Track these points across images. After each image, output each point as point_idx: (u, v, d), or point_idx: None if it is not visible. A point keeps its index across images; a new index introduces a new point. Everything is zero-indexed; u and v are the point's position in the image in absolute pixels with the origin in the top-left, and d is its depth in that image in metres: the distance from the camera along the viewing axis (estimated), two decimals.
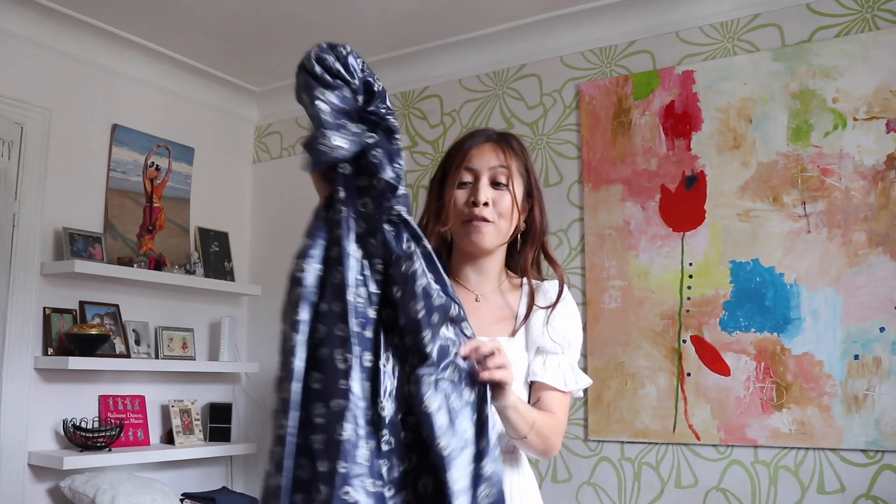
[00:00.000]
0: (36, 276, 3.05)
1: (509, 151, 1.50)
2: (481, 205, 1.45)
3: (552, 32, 3.23)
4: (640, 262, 2.95)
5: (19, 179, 3.03)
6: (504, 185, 1.48)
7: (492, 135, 1.54)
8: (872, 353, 2.52)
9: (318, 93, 1.12)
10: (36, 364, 3.01)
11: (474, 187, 1.48)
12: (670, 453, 2.84)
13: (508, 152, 1.50)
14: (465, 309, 1.26)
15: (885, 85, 2.59)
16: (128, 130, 3.45)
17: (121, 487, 2.90)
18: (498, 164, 1.48)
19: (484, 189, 1.46)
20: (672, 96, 2.96)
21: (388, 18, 3.21)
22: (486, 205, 1.46)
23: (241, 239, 3.99)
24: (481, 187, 1.46)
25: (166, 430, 3.45)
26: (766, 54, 2.80)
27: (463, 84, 3.50)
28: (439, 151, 3.52)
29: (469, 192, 1.48)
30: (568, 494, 3.01)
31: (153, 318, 3.48)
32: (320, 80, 1.13)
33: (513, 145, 1.52)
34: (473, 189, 1.47)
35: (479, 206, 1.45)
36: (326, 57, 1.13)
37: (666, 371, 2.85)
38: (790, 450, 2.64)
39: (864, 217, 2.58)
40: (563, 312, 1.51)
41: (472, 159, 1.49)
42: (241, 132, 4.08)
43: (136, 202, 3.47)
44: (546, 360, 1.46)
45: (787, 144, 2.73)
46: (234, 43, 3.46)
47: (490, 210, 1.46)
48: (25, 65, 3.10)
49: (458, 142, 1.55)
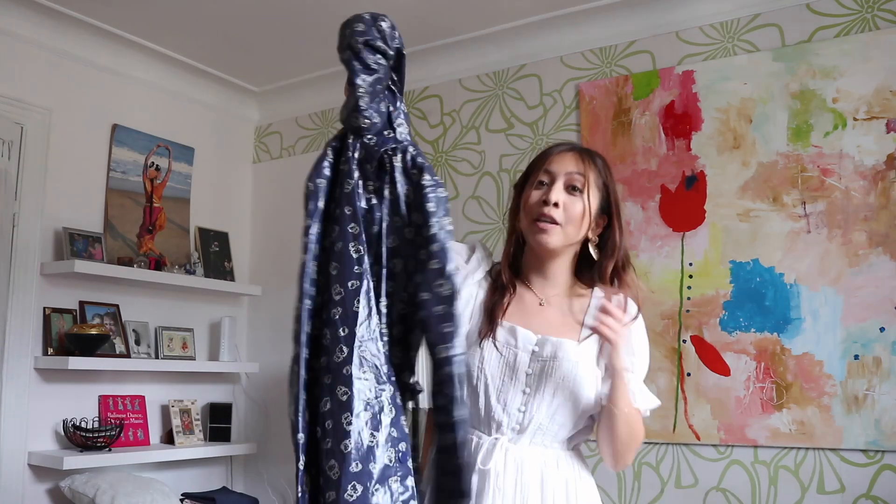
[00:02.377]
0: (36, 276, 3.05)
1: (590, 163, 1.54)
2: (552, 204, 1.49)
3: (552, 32, 3.23)
4: (640, 262, 2.95)
5: (19, 179, 3.03)
6: (579, 191, 1.51)
7: (577, 146, 1.59)
8: (872, 353, 2.52)
9: (360, 76, 1.32)
10: (36, 364, 3.01)
11: (549, 188, 1.51)
12: (670, 453, 2.84)
13: (589, 163, 1.54)
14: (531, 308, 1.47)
15: (885, 85, 2.59)
16: (128, 130, 3.45)
17: (121, 487, 2.89)
18: (575, 170, 1.52)
19: (557, 190, 1.50)
20: (672, 96, 2.96)
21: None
22: (557, 206, 1.49)
23: (241, 239, 3.99)
24: (555, 188, 1.50)
25: (166, 430, 3.45)
26: (766, 54, 2.80)
27: (463, 84, 3.50)
28: (439, 151, 3.52)
29: (544, 193, 1.52)
30: None
31: (153, 318, 3.48)
32: (363, 62, 1.32)
33: (595, 160, 1.56)
34: (548, 189, 1.51)
35: (549, 206, 1.49)
36: (371, 37, 1.33)
37: (666, 371, 2.85)
38: (790, 450, 2.64)
39: (864, 217, 2.58)
40: (634, 332, 1.53)
41: (552, 163, 1.53)
42: (241, 132, 4.08)
43: (136, 202, 3.47)
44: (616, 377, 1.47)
45: (787, 144, 2.73)
46: (234, 43, 3.46)
47: (560, 212, 1.49)
48: (25, 65, 3.10)
49: (543, 150, 1.59)
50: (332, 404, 1.23)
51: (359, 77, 1.33)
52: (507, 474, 1.45)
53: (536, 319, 1.48)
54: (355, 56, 1.33)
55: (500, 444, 1.47)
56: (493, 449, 1.46)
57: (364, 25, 1.34)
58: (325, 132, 3.87)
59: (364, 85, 1.33)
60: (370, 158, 1.35)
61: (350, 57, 1.34)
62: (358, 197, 1.33)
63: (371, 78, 1.33)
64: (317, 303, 1.32)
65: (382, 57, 1.35)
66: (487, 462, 1.45)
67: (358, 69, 1.33)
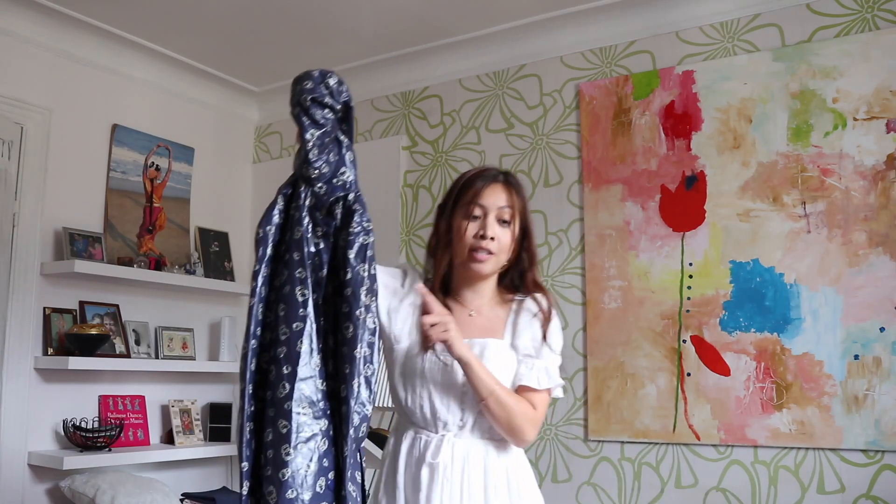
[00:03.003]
0: (36, 276, 3.05)
1: (515, 194, 1.71)
2: (489, 239, 1.66)
3: (552, 32, 3.23)
4: (640, 262, 2.95)
5: (19, 179, 3.03)
6: (508, 224, 1.69)
7: (499, 175, 1.73)
8: (872, 353, 2.52)
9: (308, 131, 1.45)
10: (36, 364, 3.01)
11: (483, 222, 1.67)
12: (670, 453, 2.84)
13: (514, 195, 1.71)
14: (462, 319, 1.65)
15: (885, 85, 2.59)
16: (128, 130, 3.45)
17: (121, 487, 2.90)
18: (506, 204, 1.69)
19: (492, 226, 1.67)
20: (672, 96, 2.96)
21: (388, 18, 3.21)
22: (493, 239, 1.67)
23: (241, 239, 3.99)
24: (489, 224, 1.67)
25: (166, 430, 3.45)
26: (766, 54, 2.80)
27: (463, 84, 3.50)
28: (439, 151, 3.52)
29: (478, 226, 1.67)
30: (568, 494, 3.01)
31: (153, 318, 3.48)
32: (311, 117, 1.45)
33: (519, 189, 1.73)
34: (482, 224, 1.67)
35: (486, 240, 1.66)
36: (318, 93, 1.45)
37: (666, 371, 2.85)
38: (790, 450, 2.64)
39: (864, 217, 2.58)
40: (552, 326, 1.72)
41: (483, 197, 1.68)
42: (241, 132, 4.08)
43: (136, 202, 3.47)
44: (525, 363, 1.68)
45: (787, 144, 2.73)
46: (234, 43, 3.46)
47: (495, 244, 1.67)
48: (25, 65, 3.10)
49: (470, 178, 1.72)
50: (274, 435, 1.38)
51: (308, 132, 1.45)
52: (454, 466, 1.61)
53: (467, 328, 1.66)
54: (304, 112, 1.46)
55: (447, 439, 1.63)
56: (441, 444, 1.62)
57: (312, 83, 1.46)
58: None
59: (312, 139, 1.45)
60: (320, 206, 1.50)
61: (299, 112, 1.46)
62: (307, 242, 1.47)
63: (319, 132, 1.46)
64: (267, 339, 1.46)
65: (330, 111, 1.47)
66: (437, 456, 1.61)
67: (307, 124, 1.46)
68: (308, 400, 1.40)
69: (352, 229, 1.48)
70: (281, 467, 1.36)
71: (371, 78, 3.69)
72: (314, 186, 1.48)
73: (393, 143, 3.62)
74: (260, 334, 1.47)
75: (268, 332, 1.47)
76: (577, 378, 3.05)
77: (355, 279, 1.45)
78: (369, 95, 3.74)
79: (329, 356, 1.48)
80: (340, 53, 3.55)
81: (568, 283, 3.12)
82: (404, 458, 1.65)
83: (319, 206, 1.50)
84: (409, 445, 1.65)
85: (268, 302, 1.48)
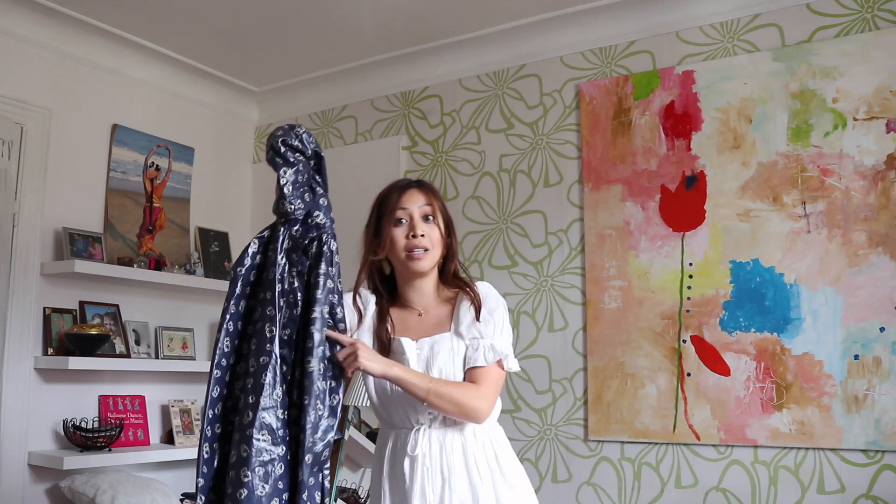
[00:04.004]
0: (36, 276, 3.05)
1: (431, 194, 1.86)
2: (419, 236, 1.79)
3: (552, 32, 3.23)
4: (640, 262, 2.95)
5: (19, 179, 3.03)
6: (432, 220, 1.84)
7: (412, 182, 1.89)
8: (872, 353, 2.52)
9: (281, 170, 1.62)
10: (36, 364, 3.01)
11: (410, 223, 1.82)
12: (670, 453, 2.84)
13: (430, 194, 1.85)
14: (412, 321, 1.82)
15: (885, 85, 2.59)
16: (128, 130, 3.45)
17: (121, 487, 2.89)
18: (425, 202, 1.83)
19: (419, 224, 1.81)
20: (672, 96, 2.96)
21: (388, 18, 3.21)
22: (423, 236, 1.80)
23: (241, 239, 3.99)
24: (417, 223, 1.81)
25: (166, 430, 3.45)
26: (766, 54, 2.80)
27: (463, 84, 3.50)
28: (439, 151, 3.52)
29: (407, 228, 1.81)
30: (568, 494, 3.01)
31: (153, 318, 3.48)
32: (284, 157, 1.62)
33: (433, 190, 1.88)
34: (410, 225, 1.81)
35: (417, 238, 1.79)
36: (288, 138, 1.62)
37: (666, 371, 2.85)
38: (790, 450, 2.64)
39: (864, 217, 2.58)
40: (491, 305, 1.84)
41: (403, 201, 1.83)
42: (241, 132, 4.08)
43: (136, 202, 3.47)
44: (471, 346, 1.79)
45: (787, 144, 2.73)
46: (234, 43, 3.46)
47: (426, 240, 1.81)
48: (25, 65, 3.10)
49: (385, 191, 1.87)
50: (236, 458, 1.54)
51: (281, 170, 1.62)
52: (433, 454, 1.73)
53: (419, 328, 1.82)
54: (276, 154, 1.62)
55: (423, 430, 1.75)
56: (418, 436, 1.74)
57: (282, 131, 1.64)
58: (325, 132, 3.87)
59: (286, 176, 1.62)
60: (296, 248, 1.64)
61: (272, 156, 1.63)
62: (282, 281, 1.62)
63: (291, 170, 1.63)
64: (241, 369, 1.63)
65: (301, 154, 1.64)
66: (415, 449, 1.73)
67: (280, 164, 1.62)
68: (268, 427, 1.55)
69: (320, 270, 1.62)
70: (238, 487, 1.52)
71: (371, 78, 3.69)
72: (291, 229, 1.63)
73: (393, 143, 3.63)
74: (234, 363, 1.64)
75: (243, 363, 1.63)
76: (577, 378, 3.05)
77: (319, 318, 1.60)
78: (369, 95, 3.74)
79: (295, 386, 1.61)
80: (340, 53, 3.55)
81: (568, 283, 3.12)
82: (388, 455, 1.78)
83: (295, 248, 1.64)
84: (392, 444, 1.79)
85: (244, 335, 1.65)
